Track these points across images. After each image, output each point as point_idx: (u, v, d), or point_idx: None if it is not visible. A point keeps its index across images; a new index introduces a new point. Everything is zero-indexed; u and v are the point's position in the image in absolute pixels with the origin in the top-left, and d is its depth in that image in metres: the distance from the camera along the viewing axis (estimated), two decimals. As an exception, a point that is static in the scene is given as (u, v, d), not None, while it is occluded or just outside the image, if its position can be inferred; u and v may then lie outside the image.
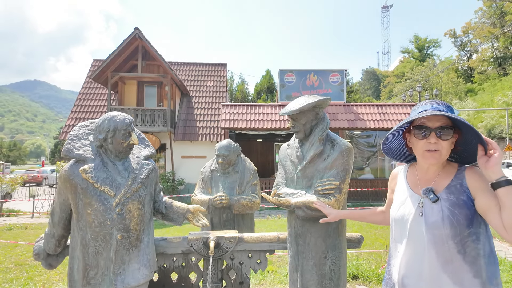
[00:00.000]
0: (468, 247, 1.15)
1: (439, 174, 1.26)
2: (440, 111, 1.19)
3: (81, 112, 14.76)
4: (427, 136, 1.20)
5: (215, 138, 13.85)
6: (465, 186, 1.19)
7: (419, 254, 1.21)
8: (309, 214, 1.86)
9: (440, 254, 1.17)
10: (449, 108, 1.25)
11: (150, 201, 1.94)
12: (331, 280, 1.89)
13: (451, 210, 1.17)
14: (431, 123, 1.20)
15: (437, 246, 1.17)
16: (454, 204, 1.17)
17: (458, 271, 1.15)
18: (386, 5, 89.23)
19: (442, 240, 1.17)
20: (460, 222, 1.15)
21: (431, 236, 1.18)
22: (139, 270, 1.80)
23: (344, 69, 14.29)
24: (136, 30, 12.68)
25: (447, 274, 1.16)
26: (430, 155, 1.22)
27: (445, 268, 1.16)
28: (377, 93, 57.67)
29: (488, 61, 36.75)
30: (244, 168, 2.90)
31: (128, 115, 1.88)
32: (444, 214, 1.17)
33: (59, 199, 1.83)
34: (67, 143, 1.83)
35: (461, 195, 1.18)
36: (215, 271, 2.14)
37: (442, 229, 1.16)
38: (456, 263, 1.15)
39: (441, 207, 1.18)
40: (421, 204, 1.24)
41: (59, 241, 1.92)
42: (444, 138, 1.19)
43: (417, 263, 1.22)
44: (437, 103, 1.25)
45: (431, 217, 1.19)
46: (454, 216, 1.16)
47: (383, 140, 1.42)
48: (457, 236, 1.15)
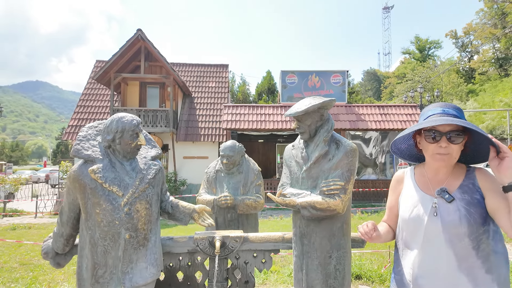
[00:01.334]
0: (482, 243, 1.19)
1: (450, 175, 1.29)
2: (450, 115, 1.22)
3: (84, 113, 14.81)
4: (438, 140, 1.22)
5: (217, 139, 13.89)
6: (477, 186, 1.23)
7: (435, 254, 1.23)
8: (314, 214, 1.88)
9: (457, 252, 1.20)
10: (459, 111, 1.27)
11: (157, 200, 1.97)
12: (336, 280, 1.92)
13: (467, 209, 1.20)
14: (442, 127, 1.22)
15: (454, 244, 1.20)
16: (469, 203, 1.21)
17: (472, 268, 1.18)
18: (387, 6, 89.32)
19: (459, 238, 1.20)
20: (476, 220, 1.19)
21: (448, 235, 1.21)
22: (146, 269, 1.83)
23: (346, 70, 14.31)
24: (138, 31, 12.74)
25: (462, 272, 1.19)
26: (440, 158, 1.24)
27: (461, 266, 1.19)
28: (378, 94, 57.64)
29: (489, 62, 36.71)
30: (248, 168, 2.93)
31: (136, 116, 1.91)
32: (461, 213, 1.20)
33: (67, 199, 1.86)
34: (76, 144, 1.86)
35: (475, 194, 1.22)
36: (220, 270, 2.16)
37: (460, 228, 1.19)
38: (470, 259, 1.19)
39: (458, 207, 1.21)
40: (435, 204, 1.26)
41: (67, 240, 1.95)
42: (455, 142, 1.21)
43: (432, 263, 1.24)
44: (448, 106, 1.27)
45: (448, 216, 1.22)
46: (470, 214, 1.19)
47: (392, 142, 1.45)
48: (473, 233, 1.19)
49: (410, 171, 1.45)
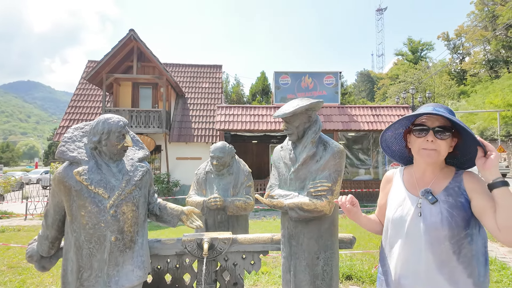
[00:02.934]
0: (464, 248, 1.17)
1: (437, 176, 1.28)
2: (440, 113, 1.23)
3: (75, 113, 14.65)
4: (426, 135, 1.23)
5: (211, 140, 13.84)
6: (463, 189, 1.21)
7: (416, 255, 1.23)
8: (302, 215, 1.88)
9: (437, 255, 1.19)
10: (450, 112, 1.27)
11: (144, 202, 1.95)
12: (324, 281, 1.92)
13: (449, 212, 1.19)
14: (430, 123, 1.23)
15: (434, 247, 1.19)
16: (453, 206, 1.19)
17: (453, 272, 1.17)
18: (380, 8, 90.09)
19: (439, 241, 1.19)
20: (458, 223, 1.17)
21: (428, 237, 1.20)
22: (133, 272, 1.81)
23: (339, 71, 14.38)
24: (131, 31, 12.66)
25: (443, 275, 1.18)
26: (426, 153, 1.24)
27: (441, 269, 1.18)
28: (371, 95, 58.10)
29: (480, 63, 37.29)
30: (238, 169, 2.92)
31: (123, 117, 1.89)
32: (443, 216, 1.19)
33: (52, 201, 1.83)
34: (61, 145, 1.83)
35: (459, 197, 1.20)
36: (209, 272, 2.15)
37: (441, 230, 1.18)
38: (451, 263, 1.17)
39: (440, 209, 1.20)
40: (419, 204, 1.25)
41: (52, 243, 1.92)
42: (442, 138, 1.21)
43: (414, 264, 1.23)
44: (439, 106, 1.28)
45: (430, 218, 1.21)
46: (452, 217, 1.18)
47: (381, 135, 1.43)
48: (454, 237, 1.17)
49: (399, 171, 1.45)
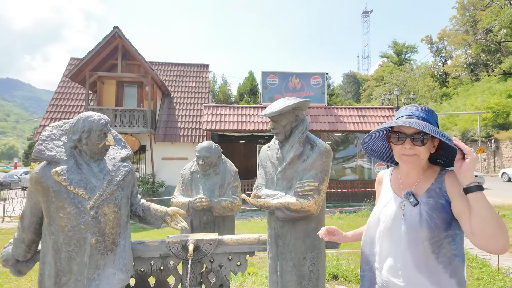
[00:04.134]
0: (443, 248, 1.17)
1: (421, 178, 1.28)
2: (418, 117, 1.22)
3: (56, 112, 14.24)
4: (403, 142, 1.23)
5: (197, 140, 13.72)
6: (444, 190, 1.21)
7: (398, 255, 1.24)
8: (288, 215, 1.87)
9: (415, 255, 1.19)
10: (429, 113, 1.26)
11: (127, 203, 1.89)
12: (310, 281, 1.91)
13: (429, 213, 1.19)
14: (407, 129, 1.23)
15: (412, 247, 1.20)
16: (433, 207, 1.19)
17: (434, 271, 1.17)
18: (366, 10, 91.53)
19: (417, 242, 1.19)
20: (438, 225, 1.17)
21: (408, 238, 1.21)
22: (114, 275, 1.75)
23: (325, 73, 14.50)
24: (115, 28, 12.40)
25: (422, 274, 1.18)
26: (406, 159, 1.25)
27: (420, 268, 1.18)
28: (357, 96, 58.97)
29: (461, 66, 38.37)
30: (225, 169, 2.88)
31: (104, 115, 1.82)
32: (422, 218, 1.19)
33: (29, 203, 1.75)
34: (39, 144, 1.75)
35: (440, 199, 1.20)
36: (194, 274, 2.11)
37: (420, 232, 1.18)
38: (430, 263, 1.18)
39: (420, 211, 1.20)
40: (403, 206, 1.26)
41: (29, 247, 1.83)
42: (419, 144, 1.21)
43: (396, 264, 1.24)
44: (416, 108, 1.27)
45: (410, 219, 1.22)
46: (432, 219, 1.18)
47: (363, 142, 1.43)
48: (434, 238, 1.17)
49: (388, 172, 1.46)
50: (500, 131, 22.79)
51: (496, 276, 3.89)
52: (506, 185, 16.21)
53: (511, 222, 7.19)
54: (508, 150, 21.77)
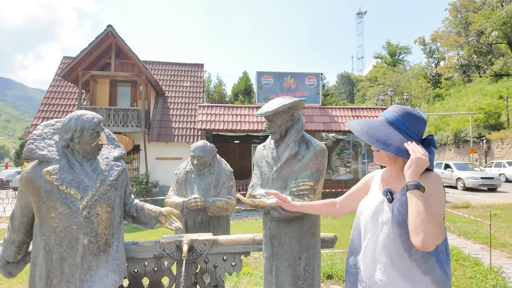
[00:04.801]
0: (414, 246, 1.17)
1: (400, 177, 1.32)
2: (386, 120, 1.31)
3: (49, 111, 14.06)
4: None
5: (191, 140, 13.65)
6: None
7: (376, 251, 1.28)
8: (284, 215, 1.86)
9: (390, 251, 1.23)
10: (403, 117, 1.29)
11: (120, 203, 1.86)
12: (305, 281, 1.90)
13: (399, 209, 1.22)
14: None
15: (386, 244, 1.23)
16: (403, 204, 1.22)
17: (407, 269, 1.20)
18: (360, 11, 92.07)
19: (390, 239, 1.22)
20: (405, 221, 1.19)
21: (383, 234, 1.25)
22: (107, 276, 1.72)
23: (320, 73, 14.55)
24: (109, 27, 12.28)
25: (396, 271, 1.21)
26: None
27: (394, 265, 1.22)
28: (351, 96, 59.32)
29: (454, 68, 38.81)
30: (220, 169, 2.86)
31: (97, 114, 1.80)
32: (393, 214, 1.23)
33: (20, 203, 1.72)
34: (30, 143, 1.72)
35: None
36: (188, 275, 2.09)
37: (391, 228, 1.22)
38: (403, 260, 1.20)
39: (393, 207, 1.24)
40: (382, 204, 1.30)
41: (19, 248, 1.80)
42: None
43: (374, 260, 1.28)
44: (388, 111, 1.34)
45: (384, 216, 1.26)
46: (400, 215, 1.21)
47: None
48: (403, 235, 1.19)
49: (379, 172, 1.49)
50: (491, 131, 23.09)
51: (489, 275, 3.93)
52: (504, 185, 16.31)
53: (503, 222, 7.28)
54: (499, 150, 22.09)
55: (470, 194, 13.35)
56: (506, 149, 21.57)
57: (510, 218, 7.70)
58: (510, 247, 5.40)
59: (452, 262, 4.57)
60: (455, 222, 7.25)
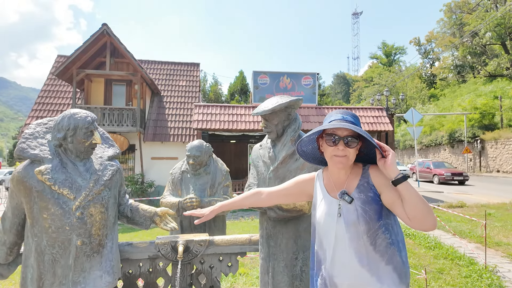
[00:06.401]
0: (378, 238, 1.26)
1: (349, 176, 1.37)
2: (349, 122, 1.32)
3: (43, 110, 13.91)
4: (337, 143, 1.31)
5: (187, 139, 13.59)
6: (371, 184, 1.31)
7: (342, 254, 1.29)
8: (280, 215, 1.84)
9: (357, 250, 1.26)
10: (356, 118, 1.37)
11: (114, 204, 1.83)
12: (302, 281, 1.89)
13: (363, 207, 1.27)
14: (340, 132, 1.32)
15: (354, 242, 1.26)
16: (365, 201, 1.28)
17: (372, 262, 1.25)
18: (356, 12, 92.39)
19: (358, 237, 1.26)
20: (372, 217, 1.26)
21: (349, 235, 1.27)
22: (101, 278, 1.69)
23: (316, 73, 14.58)
24: (104, 26, 12.18)
25: (364, 267, 1.25)
26: (338, 160, 1.32)
27: (362, 262, 1.25)
28: (347, 96, 59.54)
29: (448, 68, 39.07)
30: (216, 169, 2.84)
31: (91, 112, 1.77)
32: (358, 213, 1.27)
33: (11, 203, 1.68)
34: (21, 142, 1.68)
35: (369, 192, 1.30)
36: (184, 276, 2.06)
37: (358, 226, 1.26)
38: (369, 254, 1.25)
39: (355, 206, 1.29)
40: (340, 206, 1.32)
41: (10, 249, 1.76)
42: (351, 146, 1.31)
43: (341, 262, 1.29)
44: (347, 113, 1.37)
45: (348, 217, 1.29)
46: (366, 212, 1.26)
47: (298, 143, 1.49)
48: (370, 230, 1.26)
49: (318, 175, 1.50)
50: (485, 131, 23.30)
51: (484, 274, 3.95)
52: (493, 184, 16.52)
53: (497, 221, 7.34)
54: (493, 151, 22.29)
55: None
56: (500, 149, 21.78)
57: (504, 217, 7.77)
58: (505, 246, 5.44)
59: (448, 261, 4.59)
60: (450, 222, 7.29)
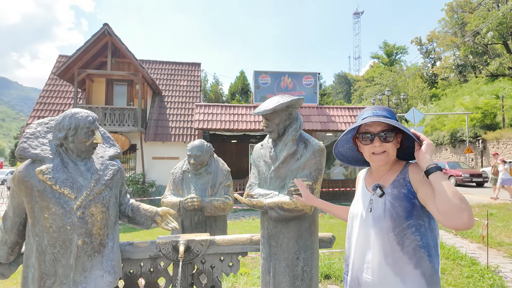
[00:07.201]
0: (407, 239, 1.20)
1: (388, 172, 1.34)
2: (380, 117, 1.28)
3: (44, 110, 13.92)
4: (372, 141, 1.28)
5: (188, 139, 13.59)
6: (407, 180, 1.26)
7: (367, 248, 1.27)
8: (282, 215, 1.84)
9: (382, 246, 1.22)
10: (390, 112, 1.33)
11: (115, 203, 1.83)
12: (303, 281, 1.88)
13: (392, 202, 1.23)
14: (373, 128, 1.29)
15: (379, 239, 1.23)
16: (395, 197, 1.24)
17: (398, 262, 1.20)
18: (357, 11, 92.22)
19: (383, 233, 1.23)
20: (399, 214, 1.21)
21: (375, 229, 1.25)
22: (102, 277, 1.69)
23: (317, 72, 14.55)
24: (105, 25, 12.18)
25: (389, 266, 1.21)
26: (377, 157, 1.30)
27: (387, 260, 1.21)
28: (348, 96, 59.45)
29: (450, 68, 38.94)
30: (217, 169, 2.83)
31: (92, 112, 1.76)
32: (386, 207, 1.24)
33: (12, 203, 1.68)
34: (22, 142, 1.68)
35: (402, 188, 1.25)
36: (185, 276, 2.06)
37: (384, 222, 1.23)
38: (395, 254, 1.20)
39: (385, 201, 1.25)
40: (371, 200, 1.30)
41: (12, 249, 1.76)
42: (387, 140, 1.27)
43: (366, 259, 1.27)
44: (378, 108, 1.33)
45: (376, 211, 1.26)
46: (394, 208, 1.22)
47: (334, 146, 1.47)
48: (397, 228, 1.21)
49: (364, 172, 1.51)
50: (487, 131, 23.22)
51: (486, 274, 3.93)
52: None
53: (499, 221, 7.31)
54: (495, 150, 22.23)
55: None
56: (501, 148, 21.72)
57: (506, 217, 7.74)
58: (507, 246, 5.42)
59: (449, 262, 4.57)
60: (451, 222, 7.27)
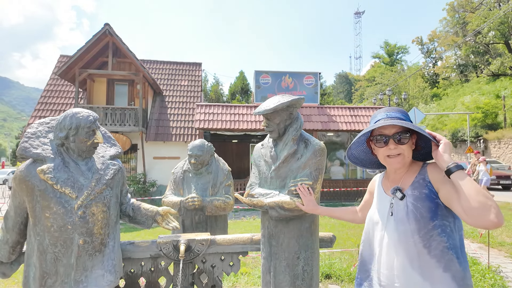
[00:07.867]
0: (434, 241, 1.16)
1: (406, 174, 1.31)
2: (394, 118, 1.26)
3: (45, 110, 13.96)
4: (387, 143, 1.26)
5: (189, 139, 13.61)
6: (427, 180, 1.23)
7: (391, 253, 1.23)
8: (282, 214, 1.84)
9: (407, 251, 1.18)
10: (403, 113, 1.30)
11: (116, 203, 1.84)
12: (304, 281, 1.88)
13: (414, 204, 1.20)
14: (388, 131, 1.27)
15: (403, 243, 1.19)
16: (417, 198, 1.21)
17: (426, 266, 1.15)
18: (358, 11, 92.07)
19: (407, 236, 1.18)
20: (423, 215, 1.17)
21: (398, 233, 1.21)
22: (103, 277, 1.70)
23: (318, 72, 14.54)
24: (106, 25, 12.20)
25: (415, 270, 1.16)
26: (392, 160, 1.27)
27: (413, 264, 1.17)
28: (349, 96, 59.38)
29: (451, 68, 38.86)
30: (217, 168, 2.84)
31: (93, 112, 1.77)
32: (408, 209, 1.20)
33: (13, 202, 1.69)
34: (24, 141, 1.69)
35: (423, 189, 1.22)
36: (185, 275, 2.06)
37: (408, 225, 1.19)
38: (422, 257, 1.16)
39: (406, 203, 1.22)
40: (392, 204, 1.27)
41: (13, 248, 1.77)
42: (402, 142, 1.25)
43: (390, 263, 1.23)
44: (391, 110, 1.32)
45: (398, 214, 1.23)
46: (417, 209, 1.19)
47: (348, 149, 1.46)
48: (422, 230, 1.17)
49: (380, 176, 1.48)
50: (488, 131, 23.17)
51: (487, 274, 3.93)
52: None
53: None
54: (496, 150, 22.17)
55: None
56: (503, 148, 21.67)
57: (507, 217, 7.73)
58: (508, 246, 5.41)
59: (450, 262, 4.56)
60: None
